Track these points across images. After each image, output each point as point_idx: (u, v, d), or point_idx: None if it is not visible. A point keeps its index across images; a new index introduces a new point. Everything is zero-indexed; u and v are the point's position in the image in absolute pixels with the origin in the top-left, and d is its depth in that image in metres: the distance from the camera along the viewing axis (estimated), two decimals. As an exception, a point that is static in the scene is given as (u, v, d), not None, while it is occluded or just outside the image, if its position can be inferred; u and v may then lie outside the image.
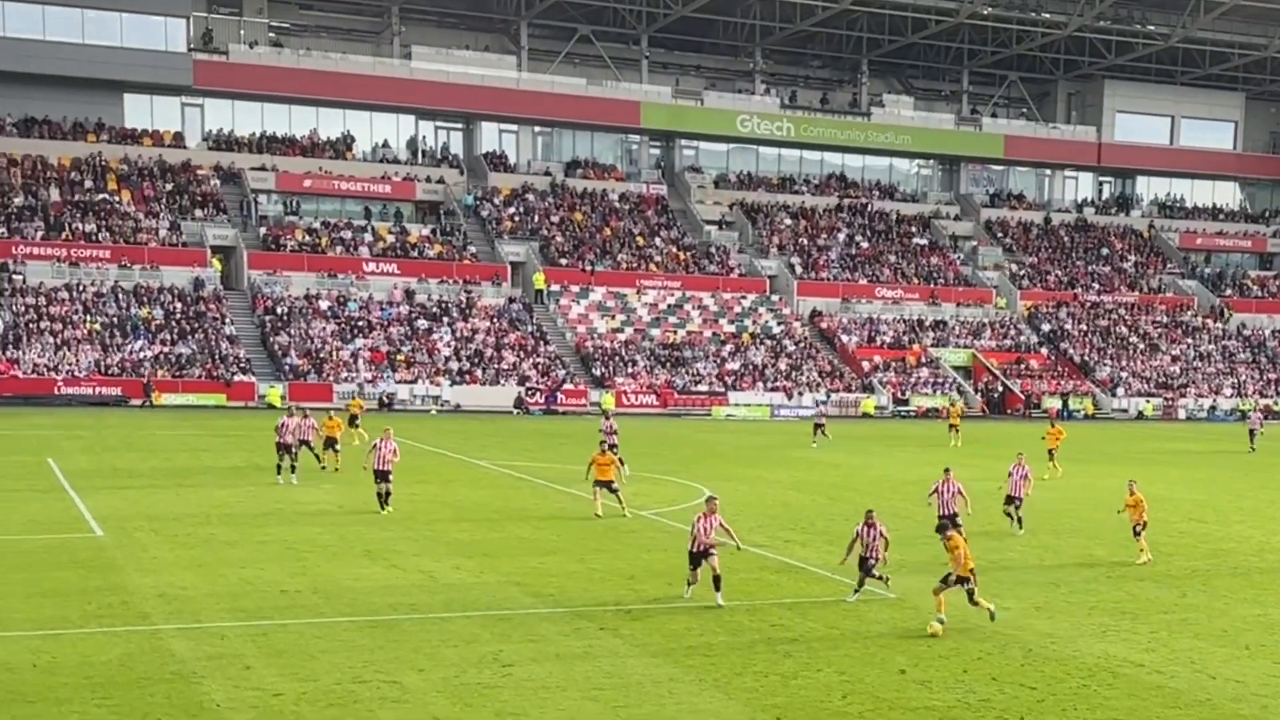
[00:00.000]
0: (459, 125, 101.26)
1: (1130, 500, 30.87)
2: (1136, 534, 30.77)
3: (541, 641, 21.64)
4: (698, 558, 24.65)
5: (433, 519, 34.29)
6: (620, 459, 41.13)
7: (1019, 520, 34.35)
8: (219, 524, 32.30)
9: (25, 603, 23.38)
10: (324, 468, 42.61)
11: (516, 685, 19.04)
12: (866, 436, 67.78)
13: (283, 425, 40.85)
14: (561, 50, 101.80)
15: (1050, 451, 49.31)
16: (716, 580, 24.52)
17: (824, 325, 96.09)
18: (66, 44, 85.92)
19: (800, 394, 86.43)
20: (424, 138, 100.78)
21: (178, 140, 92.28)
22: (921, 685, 19.70)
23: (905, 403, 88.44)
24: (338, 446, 43.63)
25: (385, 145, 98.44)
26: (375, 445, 35.10)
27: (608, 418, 46.94)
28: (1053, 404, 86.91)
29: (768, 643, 22.01)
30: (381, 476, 34.69)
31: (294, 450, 40.70)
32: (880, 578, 25.12)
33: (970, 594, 23.00)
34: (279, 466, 40.47)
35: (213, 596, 24.23)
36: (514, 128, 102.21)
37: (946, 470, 32.19)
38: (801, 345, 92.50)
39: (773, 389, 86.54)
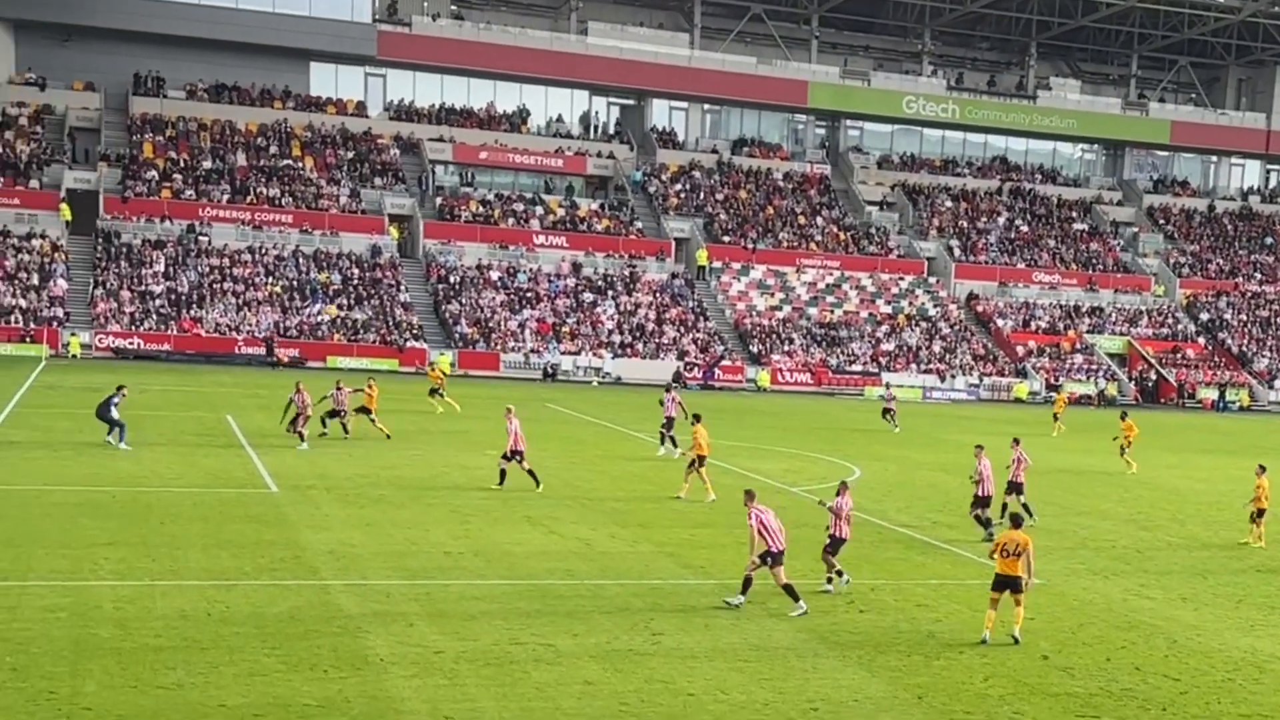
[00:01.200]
0: (630, 101, 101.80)
1: (1259, 485, 30.66)
2: (1254, 519, 30.51)
3: (691, 612, 21.92)
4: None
5: (591, 488, 34.78)
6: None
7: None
8: (388, 486, 33.10)
9: (203, 554, 24.20)
10: (324, 434, 42.17)
11: (665, 653, 19.35)
12: (1017, 421, 66.93)
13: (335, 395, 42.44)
14: (733, 29, 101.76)
15: (1122, 448, 46.00)
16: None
17: (980, 308, 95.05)
18: (257, 12, 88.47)
19: (953, 377, 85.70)
20: (596, 113, 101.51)
21: (360, 109, 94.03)
22: (1064, 672, 19.63)
23: (1058, 389, 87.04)
24: (345, 419, 42.91)
25: (559, 120, 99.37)
26: (509, 424, 33.97)
27: (669, 390, 45.16)
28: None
29: (912, 623, 22.06)
30: (516, 457, 33.60)
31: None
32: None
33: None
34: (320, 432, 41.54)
35: (380, 555, 24.89)
36: (683, 105, 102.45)
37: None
38: (956, 328, 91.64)
39: (925, 371, 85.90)
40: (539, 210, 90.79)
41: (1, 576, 21.52)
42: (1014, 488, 32.32)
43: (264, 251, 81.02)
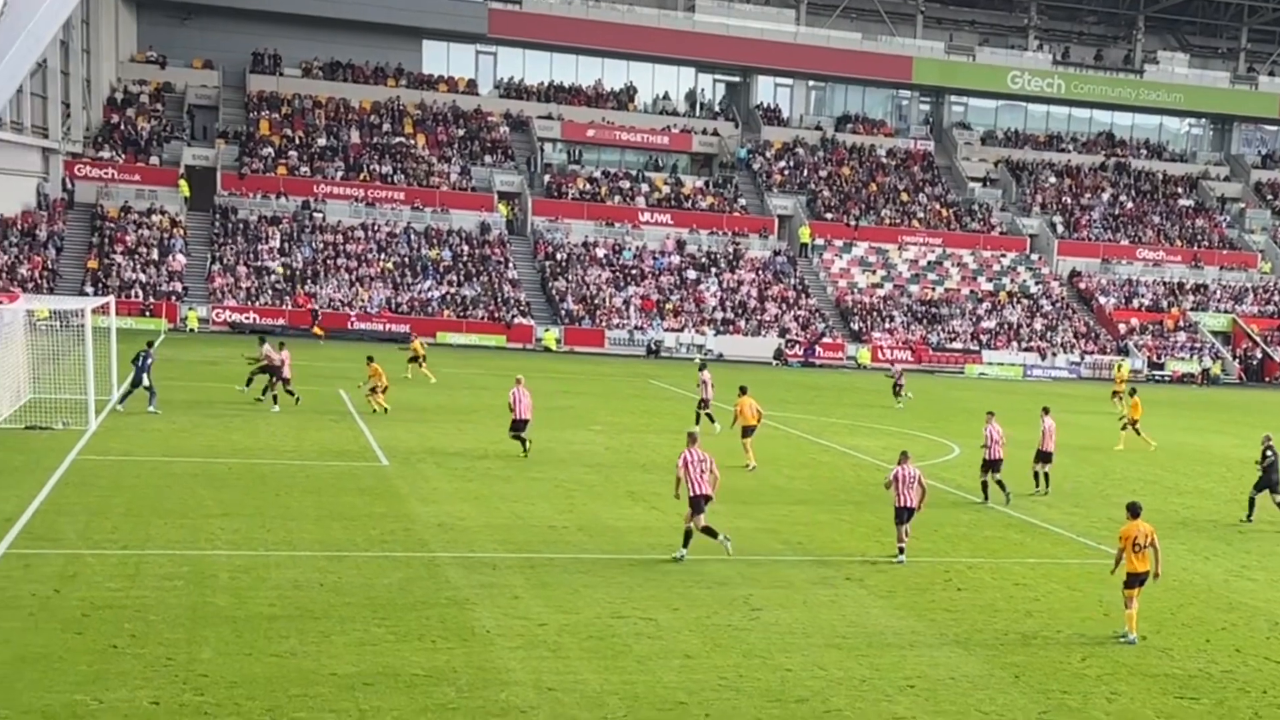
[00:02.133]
0: (736, 78, 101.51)
1: None
2: None
3: (789, 588, 21.99)
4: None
5: (692, 464, 34.85)
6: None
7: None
8: (495, 460, 33.43)
9: (316, 525, 24.61)
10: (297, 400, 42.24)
11: (764, 629, 19.45)
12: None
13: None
14: (839, 4, 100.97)
15: (1133, 423, 44.75)
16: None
17: (1082, 286, 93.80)
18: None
19: (1054, 355, 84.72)
20: (702, 90, 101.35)
21: (471, 87, 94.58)
22: (1162, 653, 19.49)
23: (1160, 366, 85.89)
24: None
25: (665, 97, 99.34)
26: (513, 395, 34.82)
27: (702, 370, 44.50)
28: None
29: (1009, 601, 21.98)
30: (520, 426, 34.55)
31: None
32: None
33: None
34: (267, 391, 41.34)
35: (487, 528, 25.18)
36: (788, 82, 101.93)
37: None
38: (1058, 305, 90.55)
39: (1026, 349, 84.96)
40: (644, 188, 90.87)
41: (121, 545, 22.05)
42: (1042, 456, 33.21)
43: (376, 228, 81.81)
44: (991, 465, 31.27)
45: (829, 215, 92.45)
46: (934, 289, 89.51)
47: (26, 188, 77.01)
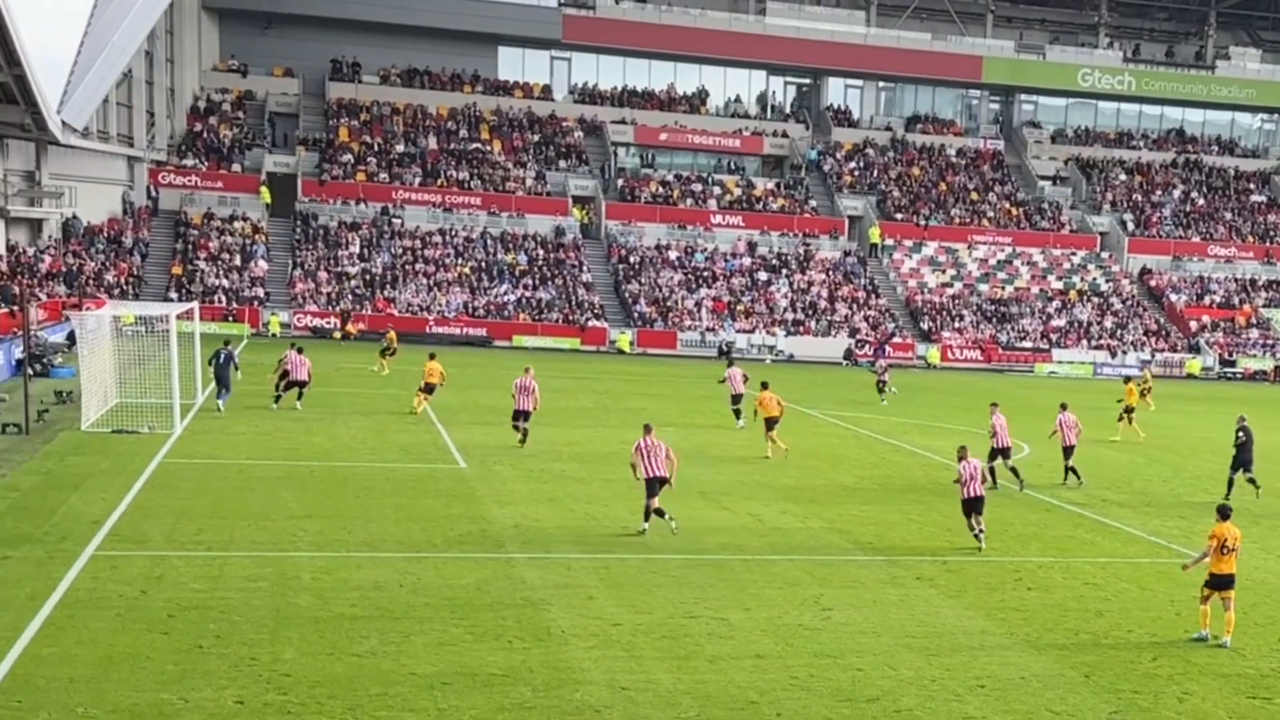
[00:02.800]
0: (806, 80, 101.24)
1: None
2: None
3: (860, 587, 21.99)
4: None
5: (763, 465, 34.89)
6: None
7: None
8: (570, 461, 33.58)
9: (396, 526, 24.84)
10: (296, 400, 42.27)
11: (835, 628, 19.47)
12: (1189, 397, 65.44)
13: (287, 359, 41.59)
14: (909, 5, 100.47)
15: (1128, 410, 45.02)
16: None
17: (1153, 283, 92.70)
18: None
19: (1124, 352, 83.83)
20: (773, 92, 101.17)
21: (546, 93, 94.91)
22: (1234, 652, 19.32)
23: (1232, 364, 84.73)
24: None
25: (736, 100, 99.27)
26: (518, 384, 36.12)
27: (731, 365, 46.27)
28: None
29: (1080, 601, 21.86)
30: (521, 416, 35.62)
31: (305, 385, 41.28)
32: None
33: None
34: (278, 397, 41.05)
35: (562, 529, 25.35)
36: (859, 83, 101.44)
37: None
38: (1129, 303, 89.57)
39: (1096, 347, 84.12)
40: (716, 190, 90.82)
41: (206, 547, 22.37)
42: (1066, 451, 34.36)
43: (453, 233, 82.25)
44: (1001, 452, 32.99)
45: (899, 215, 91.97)
46: (1004, 288, 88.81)
47: (113, 196, 78.16)
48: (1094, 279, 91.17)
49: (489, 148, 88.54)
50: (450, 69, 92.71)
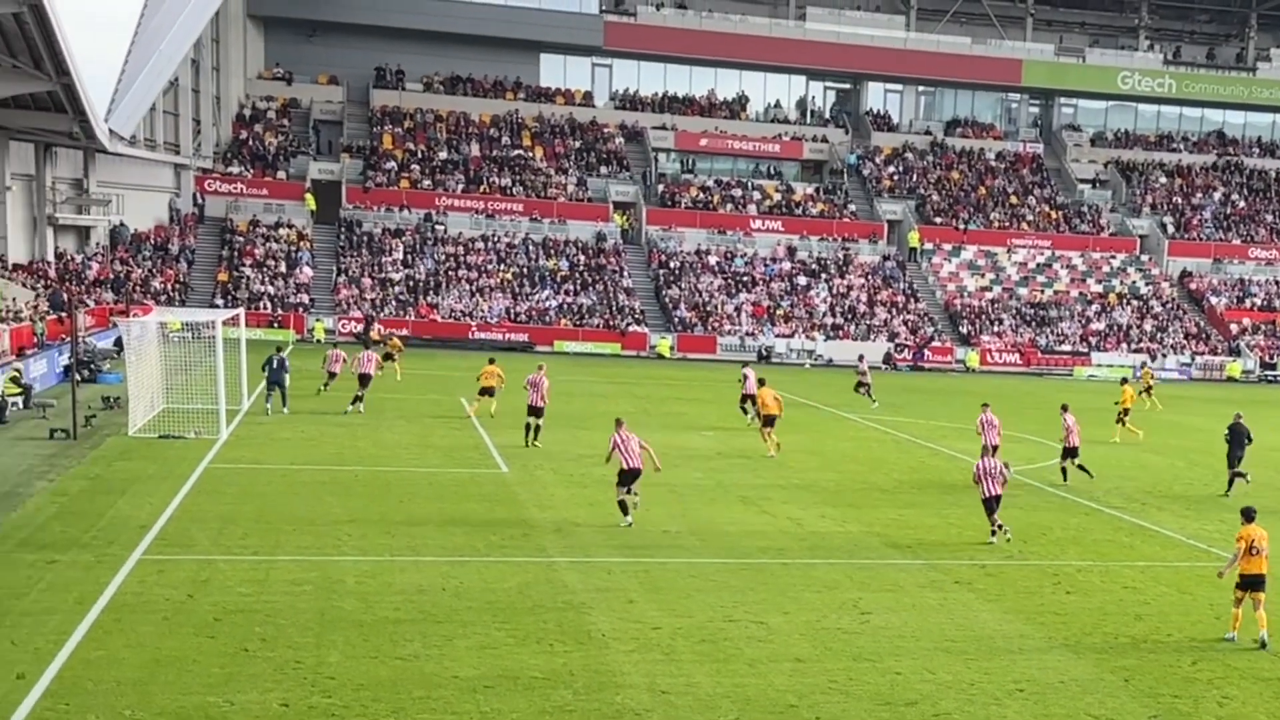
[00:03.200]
0: (846, 85, 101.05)
1: None
2: None
3: (898, 591, 21.97)
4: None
5: (803, 469, 34.85)
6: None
7: (1083, 468, 34.63)
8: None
9: (439, 531, 24.94)
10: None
11: (874, 632, 19.45)
12: (1230, 400, 64.83)
13: (333, 357, 44.69)
14: (949, 9, 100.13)
15: (1124, 412, 45.30)
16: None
17: (1193, 286, 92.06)
18: (491, 5, 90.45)
19: (1164, 356, 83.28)
20: (812, 97, 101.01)
21: (587, 99, 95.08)
22: (1275, 656, 19.22)
23: (1273, 367, 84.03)
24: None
25: (776, 105, 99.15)
26: (529, 380, 37.15)
27: (746, 365, 49.51)
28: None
29: (1119, 605, 21.77)
30: (534, 413, 36.49)
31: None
32: None
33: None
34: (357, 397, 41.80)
35: (602, 533, 25.39)
36: (898, 87, 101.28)
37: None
38: (1169, 306, 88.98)
39: (1136, 350, 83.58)
40: (756, 195, 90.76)
41: (252, 551, 22.54)
42: (1069, 452, 34.53)
43: (496, 239, 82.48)
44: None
45: (938, 219, 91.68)
46: (1043, 291, 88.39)
47: (159, 203, 78.80)
48: (1134, 282, 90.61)
49: (531, 154, 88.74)
50: (493, 76, 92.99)
